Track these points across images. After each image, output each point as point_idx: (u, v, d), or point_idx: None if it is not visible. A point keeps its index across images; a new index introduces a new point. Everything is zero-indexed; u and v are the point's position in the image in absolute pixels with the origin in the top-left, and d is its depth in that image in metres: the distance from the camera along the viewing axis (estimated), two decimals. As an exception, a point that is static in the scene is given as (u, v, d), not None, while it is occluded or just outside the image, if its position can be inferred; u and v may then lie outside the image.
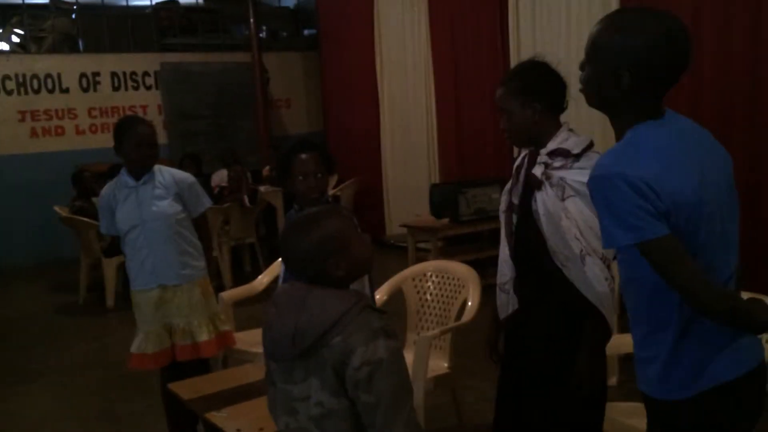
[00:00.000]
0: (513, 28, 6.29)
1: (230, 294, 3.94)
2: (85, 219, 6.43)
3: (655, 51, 1.51)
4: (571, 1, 5.74)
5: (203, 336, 3.23)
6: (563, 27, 5.82)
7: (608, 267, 2.10)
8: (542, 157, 2.16)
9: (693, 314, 1.53)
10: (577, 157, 2.11)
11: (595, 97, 1.63)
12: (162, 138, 7.68)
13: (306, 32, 10.80)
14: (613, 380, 3.80)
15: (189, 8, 10.07)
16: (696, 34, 4.32)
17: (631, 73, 1.52)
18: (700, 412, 1.58)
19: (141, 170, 3.19)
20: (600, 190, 1.50)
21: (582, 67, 1.65)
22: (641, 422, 1.80)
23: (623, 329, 2.00)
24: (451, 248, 6.53)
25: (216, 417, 2.47)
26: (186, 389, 2.77)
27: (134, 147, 3.14)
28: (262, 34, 10.09)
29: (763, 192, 4.53)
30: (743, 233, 1.71)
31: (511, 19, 6.30)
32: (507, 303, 2.31)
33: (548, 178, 2.12)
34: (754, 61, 4.51)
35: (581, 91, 1.67)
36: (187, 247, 3.25)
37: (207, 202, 3.37)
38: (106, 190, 3.32)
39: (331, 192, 8.32)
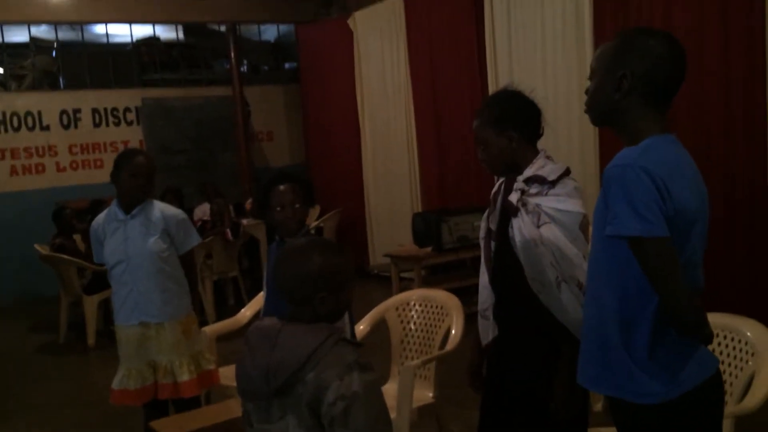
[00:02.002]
0: (490, 57, 6.41)
1: (213, 328, 3.91)
2: (65, 257, 6.37)
3: (655, 64, 1.64)
4: (546, 32, 5.86)
5: (184, 376, 3.19)
6: (539, 55, 5.94)
7: (584, 293, 2.12)
8: (519, 183, 2.18)
9: (663, 318, 1.59)
10: (553, 184, 2.14)
11: (600, 107, 1.72)
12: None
13: (287, 65, 10.89)
14: (598, 406, 3.80)
15: (169, 44, 10.13)
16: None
17: (632, 78, 1.64)
18: (672, 415, 1.62)
19: (132, 202, 3.17)
20: (620, 179, 1.55)
21: (586, 92, 1.77)
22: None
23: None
24: (434, 277, 6.54)
25: (198, 454, 2.44)
26: (168, 426, 2.75)
27: (128, 176, 3.13)
28: (243, 68, 10.16)
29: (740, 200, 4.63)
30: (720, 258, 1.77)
31: (488, 49, 6.41)
32: (488, 329, 2.31)
33: (524, 204, 2.15)
34: (728, 90, 4.61)
35: (586, 107, 1.78)
36: (171, 284, 3.22)
37: (195, 240, 3.33)
38: (97, 220, 3.31)
39: (314, 224, 8.32)
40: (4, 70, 9.12)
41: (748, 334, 2.44)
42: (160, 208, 3.25)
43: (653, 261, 1.54)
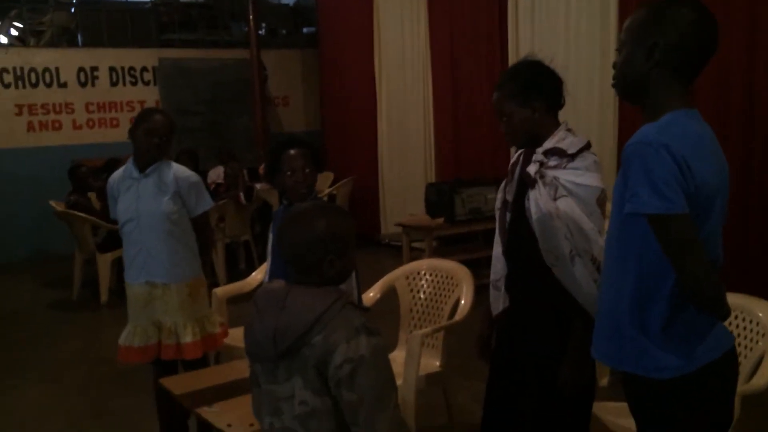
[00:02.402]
0: (512, 27, 6.30)
1: (223, 290, 3.94)
2: (80, 214, 6.42)
3: (687, 34, 1.61)
4: (570, 3, 5.74)
5: (187, 337, 3.19)
6: (562, 25, 5.83)
7: (598, 269, 2.10)
8: (538, 155, 2.16)
9: (680, 296, 1.58)
10: (572, 157, 2.11)
11: (629, 79, 1.69)
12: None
13: (305, 30, 10.78)
14: (604, 381, 3.81)
15: (188, 4, 10.05)
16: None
17: (664, 47, 1.61)
18: (688, 390, 1.62)
19: (146, 160, 3.16)
20: (640, 156, 1.53)
21: (613, 65, 1.74)
22: (631, 422, 1.80)
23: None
24: (445, 248, 6.53)
25: (207, 412, 2.46)
26: (177, 385, 2.77)
27: (144, 134, 3.11)
28: (261, 32, 10.07)
29: (753, 199, 4.56)
30: (734, 238, 1.76)
31: (510, 18, 6.30)
32: (499, 300, 2.31)
33: (542, 176, 2.12)
34: (750, 68, 4.52)
35: (614, 80, 1.74)
36: (180, 246, 3.20)
37: (208, 204, 3.30)
38: (113, 176, 3.31)
39: (326, 190, 8.33)
40: (23, 26, 9.10)
41: (760, 314, 2.43)
42: (174, 169, 3.22)
43: (673, 238, 1.52)
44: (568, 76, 2.29)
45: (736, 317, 2.49)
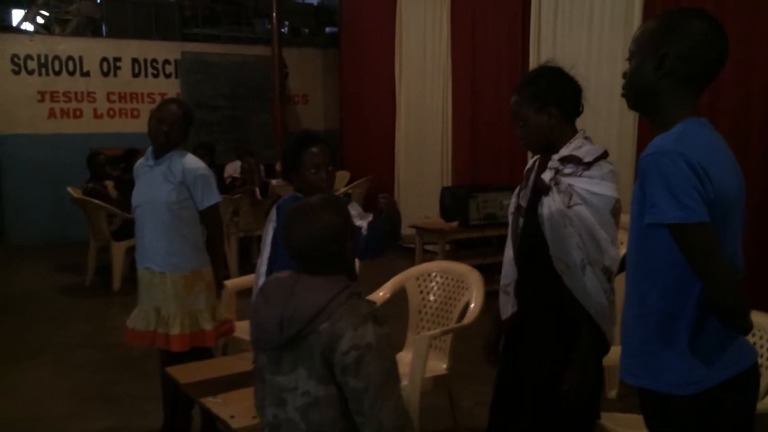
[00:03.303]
0: (534, 34, 6.28)
1: (234, 283, 3.94)
2: (96, 201, 6.47)
3: (698, 45, 1.60)
4: (594, 12, 5.72)
5: (175, 329, 3.16)
6: (585, 34, 5.81)
7: (609, 279, 2.08)
8: (553, 162, 2.14)
9: (705, 309, 1.56)
10: (588, 165, 2.09)
11: (639, 88, 1.68)
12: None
13: (327, 30, 10.82)
14: (612, 393, 3.77)
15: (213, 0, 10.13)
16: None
17: (674, 58, 1.60)
18: (709, 406, 1.59)
19: (158, 148, 3.19)
20: (657, 166, 1.52)
21: (623, 75, 1.73)
22: (640, 434, 1.78)
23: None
24: (458, 252, 6.51)
25: (211, 402, 2.47)
26: (183, 374, 2.78)
27: (156, 121, 3.15)
28: (284, 29, 10.12)
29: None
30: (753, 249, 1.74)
31: (533, 26, 6.28)
32: (508, 304, 2.29)
33: (557, 183, 2.11)
34: None
35: (624, 89, 1.73)
36: (177, 237, 3.17)
37: (215, 198, 3.26)
38: (139, 162, 3.36)
39: (342, 189, 8.34)
40: (49, 14, 9.20)
41: (775, 332, 2.39)
42: (185, 160, 3.20)
43: (696, 247, 1.50)
44: (588, 85, 2.27)
45: (753, 335, 2.45)
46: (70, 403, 3.99)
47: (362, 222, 2.58)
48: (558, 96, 2.15)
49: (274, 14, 9.44)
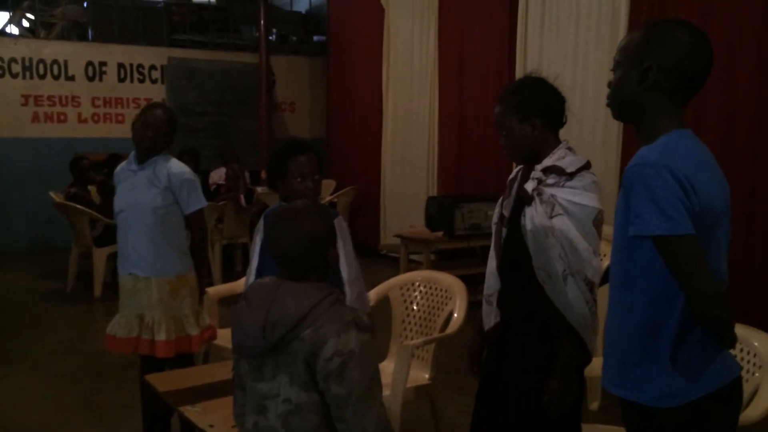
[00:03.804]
0: (520, 45, 6.31)
1: (216, 290, 3.91)
2: (78, 206, 6.41)
3: (682, 57, 1.60)
4: (580, 22, 5.75)
5: (161, 335, 3.14)
6: (571, 44, 5.83)
7: (591, 290, 2.08)
8: (536, 172, 2.15)
9: (689, 321, 1.55)
10: (571, 176, 2.10)
11: (623, 100, 1.68)
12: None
13: (315, 38, 10.82)
14: (594, 405, 3.78)
15: (201, 6, 10.10)
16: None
17: (658, 70, 1.59)
18: (693, 419, 1.58)
19: (142, 153, 3.17)
20: (642, 178, 1.51)
21: (608, 84, 1.72)
22: (622, 446, 1.77)
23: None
24: (443, 262, 6.51)
25: (190, 411, 2.43)
26: (162, 381, 2.74)
27: (140, 126, 3.14)
28: (272, 37, 10.11)
29: (760, 210, 4.52)
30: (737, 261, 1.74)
31: (519, 36, 6.31)
32: (491, 315, 2.29)
33: (539, 194, 2.11)
34: (761, 83, 4.51)
35: (608, 99, 1.73)
36: (163, 242, 3.15)
37: (201, 202, 3.26)
38: (120, 166, 3.34)
39: (328, 198, 8.32)
40: (35, 17, 9.13)
41: (756, 344, 2.41)
42: (170, 165, 3.19)
43: (680, 259, 1.50)
44: (574, 93, 2.28)
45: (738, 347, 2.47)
46: (50, 412, 3.93)
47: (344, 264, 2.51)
48: (541, 107, 2.16)
49: (262, 21, 9.44)
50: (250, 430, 1.74)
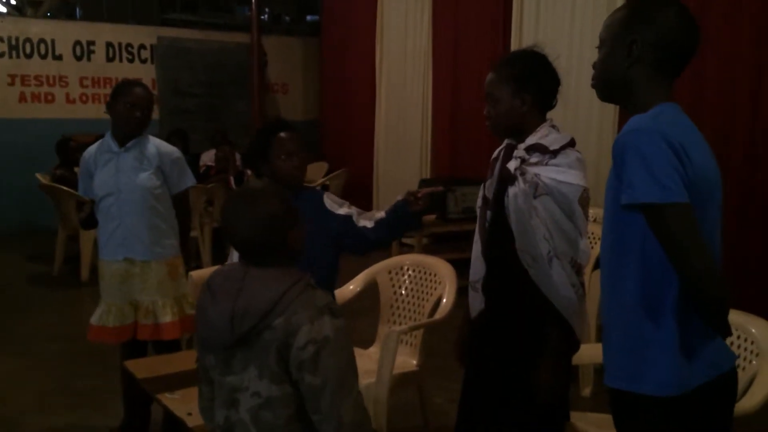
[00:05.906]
0: (516, 25, 6.21)
1: (200, 273, 3.79)
2: (66, 188, 6.29)
3: (666, 31, 1.57)
4: (576, 3, 5.64)
5: (167, 317, 3.11)
6: (567, 25, 5.73)
7: (578, 273, 2.00)
8: (519, 151, 2.07)
9: (687, 302, 1.48)
10: (554, 153, 2.02)
11: (608, 77, 1.64)
12: (153, 113, 7.61)
13: (309, 18, 10.67)
14: (587, 391, 3.72)
15: (192, -16, 9.96)
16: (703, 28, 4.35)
17: (642, 44, 1.56)
18: (690, 408, 1.52)
19: (127, 134, 3.08)
20: (635, 144, 1.44)
21: (593, 65, 1.69)
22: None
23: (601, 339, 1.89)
24: (436, 246, 6.43)
25: (168, 399, 2.38)
26: (142, 368, 2.69)
27: (127, 106, 3.04)
28: (264, 17, 9.95)
29: (758, 196, 4.47)
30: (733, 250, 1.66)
31: (515, 17, 6.21)
32: (477, 301, 2.20)
33: (522, 173, 2.03)
34: (759, 63, 4.43)
35: (593, 79, 1.69)
36: (161, 223, 3.13)
37: (190, 181, 3.25)
38: (88, 151, 3.22)
39: (320, 180, 8.22)
40: (22, -5, 8.97)
41: (754, 331, 2.33)
42: (156, 143, 3.16)
43: (673, 230, 1.41)
44: (570, 73, 2.19)
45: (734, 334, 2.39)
46: (31, 398, 3.86)
47: (349, 210, 2.62)
48: (536, 84, 2.07)
49: (254, 1, 9.28)
50: (221, 424, 1.66)
